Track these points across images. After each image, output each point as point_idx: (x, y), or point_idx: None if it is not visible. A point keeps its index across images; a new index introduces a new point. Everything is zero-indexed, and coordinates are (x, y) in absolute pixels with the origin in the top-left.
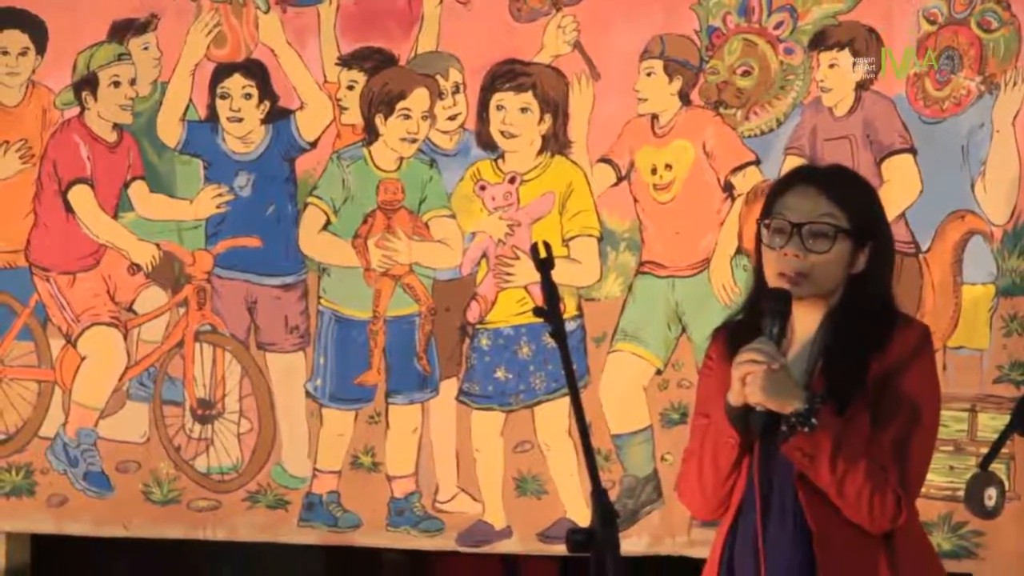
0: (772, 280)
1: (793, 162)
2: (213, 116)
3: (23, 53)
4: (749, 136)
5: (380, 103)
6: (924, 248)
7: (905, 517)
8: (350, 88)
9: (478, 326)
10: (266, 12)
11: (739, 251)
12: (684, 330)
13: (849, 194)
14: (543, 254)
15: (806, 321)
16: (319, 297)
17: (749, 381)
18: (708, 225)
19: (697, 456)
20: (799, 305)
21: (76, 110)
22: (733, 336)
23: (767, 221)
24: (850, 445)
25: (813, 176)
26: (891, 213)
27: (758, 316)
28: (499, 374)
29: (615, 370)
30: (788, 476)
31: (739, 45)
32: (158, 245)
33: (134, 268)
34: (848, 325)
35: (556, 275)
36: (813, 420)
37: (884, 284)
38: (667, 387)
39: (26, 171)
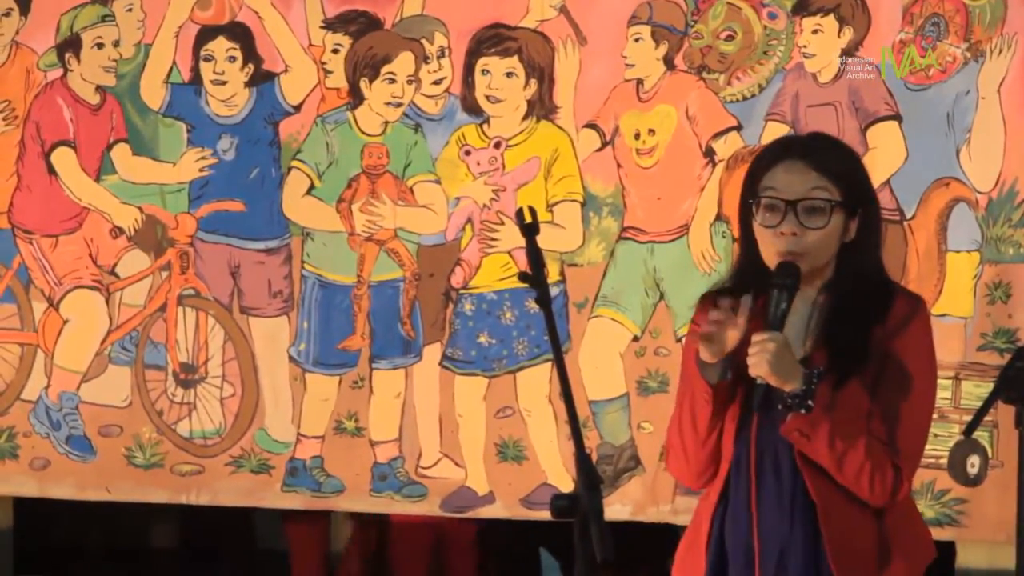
0: (773, 261)
1: (774, 128)
2: (197, 79)
3: (7, 14)
4: (731, 101)
5: (365, 67)
6: (909, 215)
7: (906, 490)
8: (335, 51)
9: (462, 291)
10: None
11: (719, 217)
12: (662, 297)
13: (837, 164)
14: (528, 219)
15: (801, 293)
16: (303, 262)
17: (756, 352)
18: (689, 191)
19: (678, 421)
20: None
21: (59, 72)
22: (719, 304)
23: (756, 200)
24: (849, 422)
25: (798, 149)
26: (876, 180)
27: (744, 286)
28: (482, 339)
29: (595, 336)
30: (784, 449)
31: (723, 9)
32: (141, 208)
33: (116, 231)
34: (849, 297)
35: (540, 240)
36: (810, 402)
37: (876, 251)
38: (644, 354)
39: (9, 133)
